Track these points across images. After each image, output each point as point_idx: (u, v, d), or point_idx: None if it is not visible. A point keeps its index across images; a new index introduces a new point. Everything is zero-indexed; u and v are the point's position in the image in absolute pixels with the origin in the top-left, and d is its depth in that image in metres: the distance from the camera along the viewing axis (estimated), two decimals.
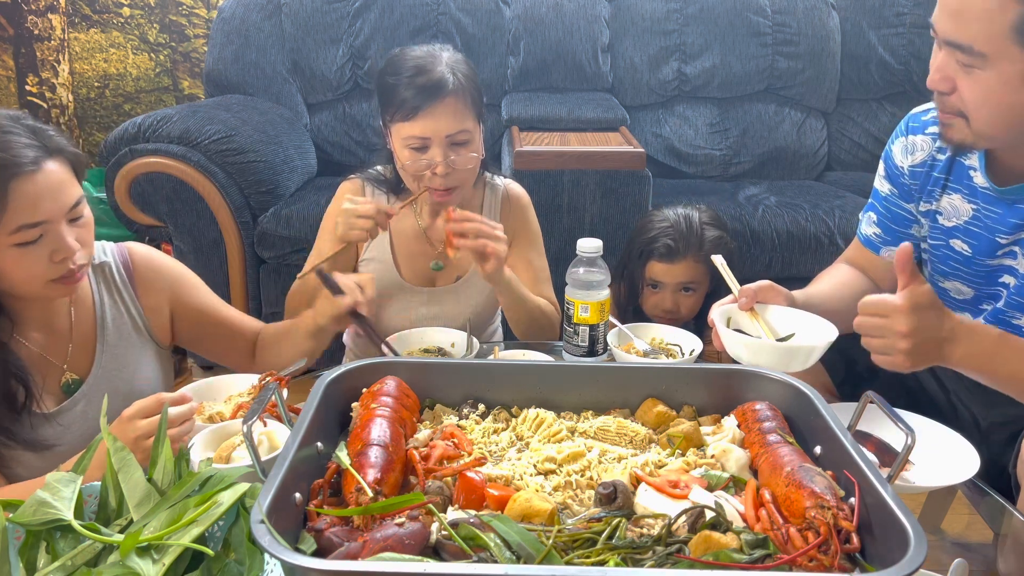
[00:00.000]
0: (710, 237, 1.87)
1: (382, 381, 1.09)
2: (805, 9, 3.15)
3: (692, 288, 1.88)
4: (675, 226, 1.87)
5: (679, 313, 1.89)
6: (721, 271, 1.39)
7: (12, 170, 1.13)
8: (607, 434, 1.07)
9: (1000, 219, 1.35)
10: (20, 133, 1.16)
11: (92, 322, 1.37)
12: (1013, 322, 1.38)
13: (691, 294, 1.89)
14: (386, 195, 1.73)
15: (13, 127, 1.17)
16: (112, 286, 1.40)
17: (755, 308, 1.32)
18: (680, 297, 1.89)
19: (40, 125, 1.20)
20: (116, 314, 1.39)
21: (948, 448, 1.15)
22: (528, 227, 1.79)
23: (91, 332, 1.36)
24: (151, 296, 1.43)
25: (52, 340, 1.32)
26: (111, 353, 1.38)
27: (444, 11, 3.10)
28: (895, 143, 1.51)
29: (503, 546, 0.81)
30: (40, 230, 1.17)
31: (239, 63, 3.08)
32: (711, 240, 1.86)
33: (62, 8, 3.58)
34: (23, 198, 1.14)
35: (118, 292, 1.40)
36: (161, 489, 0.91)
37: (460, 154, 1.57)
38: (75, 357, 1.35)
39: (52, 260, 1.19)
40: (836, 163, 3.26)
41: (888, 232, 1.55)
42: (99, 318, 1.37)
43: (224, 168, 2.51)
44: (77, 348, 1.35)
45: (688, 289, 1.88)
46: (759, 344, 1.24)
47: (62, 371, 1.33)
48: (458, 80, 1.55)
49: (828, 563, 0.79)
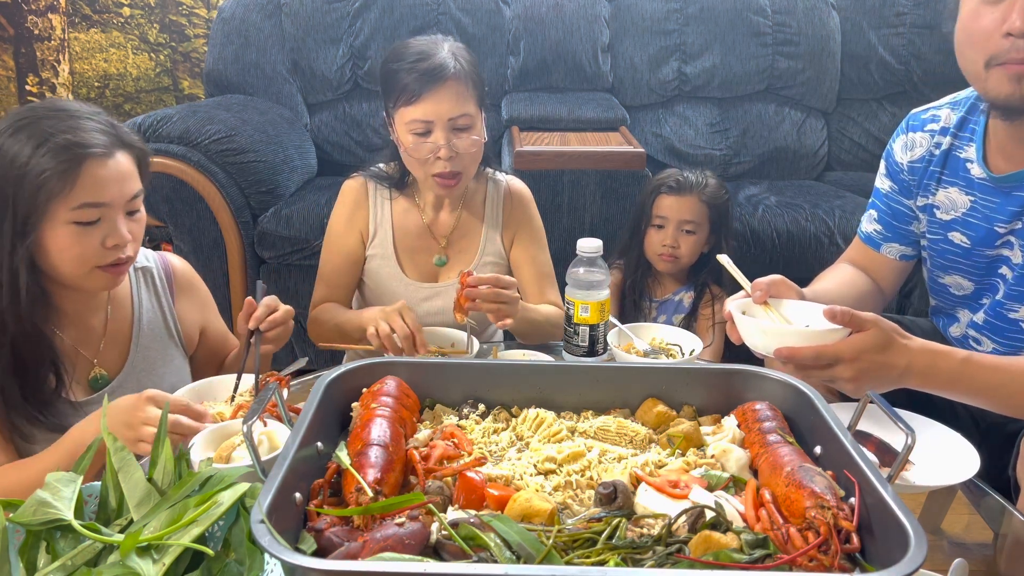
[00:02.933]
0: (712, 183, 2.16)
1: (382, 381, 1.09)
2: (805, 9, 3.15)
3: (692, 230, 2.11)
4: (683, 170, 2.19)
5: (679, 251, 2.11)
6: (729, 269, 1.37)
7: (87, 151, 1.21)
8: (607, 434, 1.07)
9: (998, 208, 1.36)
10: (97, 122, 1.25)
11: (128, 322, 1.42)
12: (1011, 315, 1.38)
13: (691, 236, 2.12)
14: (389, 191, 1.75)
15: (92, 116, 1.26)
16: (152, 290, 1.46)
17: (768, 302, 1.30)
18: (681, 236, 2.11)
19: (115, 121, 1.29)
20: (153, 317, 1.45)
21: (948, 448, 1.15)
22: (531, 223, 1.80)
23: (126, 331, 1.41)
24: (185, 306, 1.51)
25: (86, 335, 1.36)
26: (143, 354, 1.43)
27: (444, 11, 3.10)
28: (896, 141, 1.53)
29: (503, 546, 0.81)
30: (100, 212, 1.23)
31: (239, 63, 3.08)
32: (714, 186, 2.15)
33: (62, 8, 3.58)
34: (92, 178, 1.21)
35: (157, 296, 1.47)
36: (161, 489, 0.91)
37: (462, 138, 1.59)
38: (106, 354, 1.39)
39: (104, 245, 1.25)
40: (836, 163, 3.26)
41: (889, 228, 1.55)
42: (136, 318, 1.43)
43: (224, 168, 2.51)
44: (109, 345, 1.39)
45: (689, 231, 2.11)
46: (782, 330, 1.20)
47: (91, 365, 1.37)
48: (459, 65, 1.58)
49: (828, 563, 0.79)
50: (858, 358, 1.12)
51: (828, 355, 1.13)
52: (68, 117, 1.23)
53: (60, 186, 1.19)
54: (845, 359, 1.13)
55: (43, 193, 1.19)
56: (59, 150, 1.19)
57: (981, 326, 1.45)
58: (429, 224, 1.75)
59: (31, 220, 1.20)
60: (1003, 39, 1.19)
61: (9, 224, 1.20)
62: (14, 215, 1.19)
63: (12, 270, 1.21)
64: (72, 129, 1.21)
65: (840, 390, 1.18)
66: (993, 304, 1.41)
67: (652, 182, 2.18)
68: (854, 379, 1.14)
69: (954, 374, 1.17)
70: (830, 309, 1.14)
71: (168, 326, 1.48)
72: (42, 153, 1.18)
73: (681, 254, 2.12)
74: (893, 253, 1.57)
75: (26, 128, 1.20)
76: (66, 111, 1.24)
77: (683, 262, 2.14)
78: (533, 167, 2.33)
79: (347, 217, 1.74)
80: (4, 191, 1.19)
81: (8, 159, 1.19)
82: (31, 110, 1.24)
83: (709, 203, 2.12)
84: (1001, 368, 1.19)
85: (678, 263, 2.14)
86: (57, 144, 1.19)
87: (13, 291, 1.22)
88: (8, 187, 1.19)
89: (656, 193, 2.14)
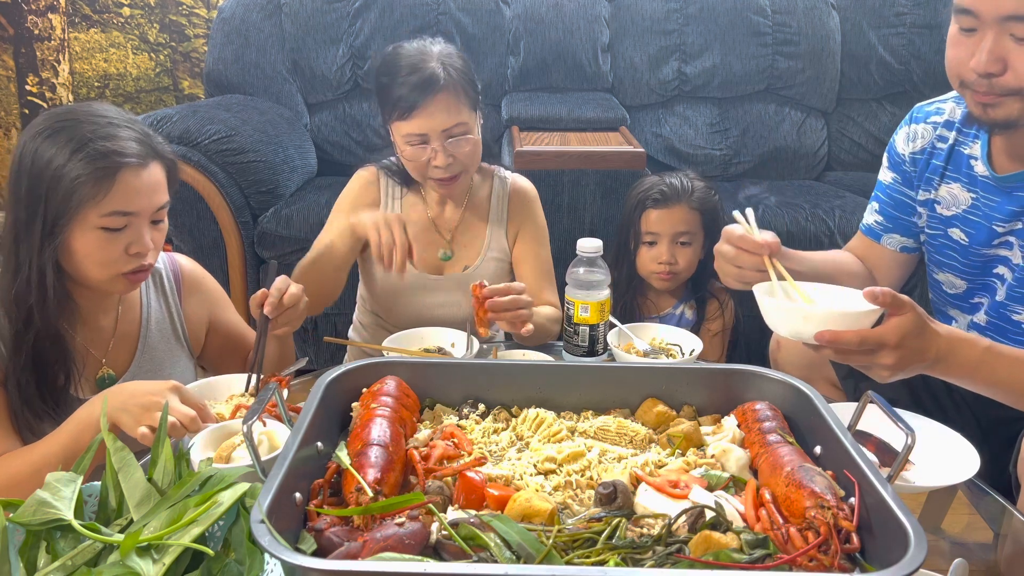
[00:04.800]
0: (699, 187, 1.96)
1: (382, 381, 1.09)
2: (805, 9, 3.15)
3: (688, 241, 1.94)
4: (664, 178, 1.98)
5: (677, 266, 1.94)
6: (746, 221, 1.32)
7: (123, 159, 1.23)
8: (607, 434, 1.07)
9: (998, 207, 1.36)
10: (134, 131, 1.27)
11: (137, 323, 1.43)
12: (1014, 317, 1.38)
13: (687, 248, 1.94)
14: (400, 186, 1.76)
15: (130, 124, 1.28)
16: (160, 291, 1.47)
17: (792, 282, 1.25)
18: (677, 250, 1.94)
19: (150, 131, 1.31)
20: (160, 318, 1.46)
21: (948, 448, 1.15)
22: (535, 221, 1.81)
23: (134, 332, 1.43)
24: (193, 307, 1.51)
25: (96, 335, 1.38)
26: (150, 354, 1.44)
27: (444, 11, 3.10)
28: (898, 133, 1.54)
29: (503, 546, 0.81)
30: (127, 220, 1.25)
31: (239, 63, 3.08)
32: (700, 190, 1.96)
33: (62, 8, 3.58)
34: (125, 187, 1.23)
35: (165, 298, 1.48)
36: (161, 489, 0.91)
37: (458, 144, 1.61)
38: (114, 353, 1.40)
39: (128, 252, 1.27)
40: (836, 163, 3.26)
41: (890, 219, 1.55)
42: (144, 320, 1.44)
43: (224, 168, 2.51)
44: (117, 345, 1.40)
45: (684, 242, 1.94)
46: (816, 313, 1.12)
47: (100, 364, 1.38)
48: (449, 75, 1.58)
49: (828, 563, 0.79)
50: (901, 344, 1.08)
51: (872, 340, 1.09)
52: (107, 124, 1.25)
53: (93, 192, 1.21)
54: (890, 344, 1.08)
55: (76, 197, 1.20)
56: (96, 156, 1.21)
57: (984, 327, 1.44)
58: (434, 219, 1.77)
59: (61, 222, 1.22)
60: (972, 71, 1.24)
61: (39, 223, 1.22)
62: (45, 215, 1.21)
63: (40, 268, 1.23)
64: (110, 136, 1.23)
65: (870, 375, 1.14)
66: (995, 305, 1.41)
67: (634, 197, 1.99)
68: (894, 365, 1.10)
69: (977, 362, 1.16)
70: (870, 290, 1.10)
71: (175, 327, 1.49)
72: (79, 158, 1.20)
73: (679, 269, 1.94)
74: (894, 244, 1.56)
75: (65, 131, 1.22)
76: (105, 117, 1.26)
77: (682, 276, 1.97)
78: (533, 167, 2.33)
79: (353, 199, 1.76)
80: (37, 191, 1.21)
81: (45, 160, 1.21)
82: (70, 112, 1.26)
83: (700, 209, 1.94)
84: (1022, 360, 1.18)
85: (677, 279, 1.96)
86: (95, 150, 1.21)
87: (41, 289, 1.24)
88: (42, 187, 1.21)
89: (641, 208, 1.95)
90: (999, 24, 1.19)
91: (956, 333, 1.18)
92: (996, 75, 1.21)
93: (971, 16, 1.22)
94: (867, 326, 1.10)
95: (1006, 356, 1.18)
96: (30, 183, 1.21)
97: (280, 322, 1.38)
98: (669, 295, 2.02)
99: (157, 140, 1.31)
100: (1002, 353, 1.19)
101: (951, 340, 1.15)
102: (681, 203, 1.93)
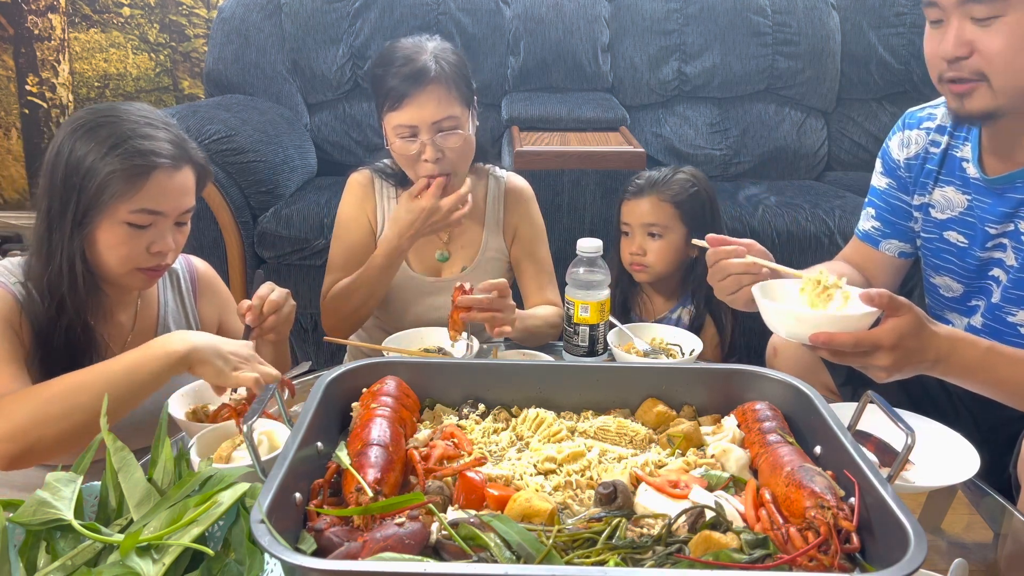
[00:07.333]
0: (678, 179, 1.91)
1: (382, 381, 1.09)
2: (805, 9, 3.15)
3: (658, 233, 1.88)
4: (646, 171, 1.96)
5: (646, 258, 1.89)
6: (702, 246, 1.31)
7: (159, 160, 1.26)
8: (607, 434, 1.07)
9: (990, 209, 1.37)
10: (170, 132, 1.31)
11: (154, 320, 1.46)
12: (1009, 319, 1.38)
13: (657, 240, 1.88)
14: (394, 188, 1.76)
15: (167, 125, 1.31)
16: (177, 291, 1.50)
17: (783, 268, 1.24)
18: (647, 242, 1.89)
19: (185, 135, 1.34)
20: (177, 316, 1.49)
21: (948, 448, 1.15)
22: (532, 221, 1.80)
23: (151, 329, 1.45)
24: (206, 308, 1.55)
25: (116, 330, 1.40)
26: None
27: (444, 11, 3.10)
28: (892, 139, 1.54)
29: (503, 546, 0.81)
30: (153, 219, 1.28)
31: (239, 63, 3.08)
32: (679, 181, 1.90)
33: (62, 8, 3.58)
34: (157, 187, 1.27)
35: (181, 298, 1.51)
36: (161, 489, 0.91)
37: (448, 139, 1.60)
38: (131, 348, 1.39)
39: (149, 250, 1.30)
40: (836, 163, 3.26)
41: (887, 225, 1.56)
42: (161, 317, 1.47)
43: (224, 168, 2.51)
44: (135, 341, 1.40)
45: (653, 234, 1.89)
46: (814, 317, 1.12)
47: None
48: (441, 67, 1.58)
49: (828, 563, 0.79)
50: (897, 345, 1.09)
51: (867, 342, 1.09)
52: (146, 124, 1.28)
53: (125, 188, 1.24)
54: (885, 346, 1.09)
55: (108, 191, 1.23)
56: (133, 154, 1.24)
57: (980, 330, 1.44)
58: None
59: (91, 213, 1.25)
60: (943, 60, 1.26)
61: (71, 214, 1.24)
62: (77, 206, 1.24)
63: (70, 258, 1.26)
64: (148, 136, 1.27)
65: (869, 375, 1.14)
66: (990, 307, 1.41)
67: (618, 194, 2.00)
68: (890, 367, 1.10)
69: (977, 362, 1.16)
70: (867, 293, 1.10)
71: (190, 327, 1.51)
72: (116, 154, 1.23)
73: (649, 261, 1.88)
74: (892, 250, 1.56)
75: (104, 127, 1.25)
76: (145, 117, 1.29)
77: (656, 270, 1.90)
78: (533, 167, 2.33)
79: (356, 206, 1.76)
80: (72, 181, 1.24)
81: (82, 153, 1.24)
82: (111, 109, 1.29)
83: (673, 201, 1.87)
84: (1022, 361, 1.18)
85: (650, 271, 1.90)
86: (132, 148, 1.24)
87: (72, 278, 1.26)
88: (77, 179, 1.24)
89: (621, 199, 1.96)
90: (959, 8, 1.22)
91: (956, 334, 1.18)
92: (964, 58, 1.23)
93: (936, 8, 1.25)
94: (864, 328, 1.10)
95: (1007, 356, 1.18)
96: (66, 174, 1.24)
97: (265, 329, 1.38)
98: (663, 297, 1.99)
99: (191, 145, 1.34)
100: (1003, 353, 1.18)
101: (952, 341, 1.15)
102: (652, 194, 1.89)
